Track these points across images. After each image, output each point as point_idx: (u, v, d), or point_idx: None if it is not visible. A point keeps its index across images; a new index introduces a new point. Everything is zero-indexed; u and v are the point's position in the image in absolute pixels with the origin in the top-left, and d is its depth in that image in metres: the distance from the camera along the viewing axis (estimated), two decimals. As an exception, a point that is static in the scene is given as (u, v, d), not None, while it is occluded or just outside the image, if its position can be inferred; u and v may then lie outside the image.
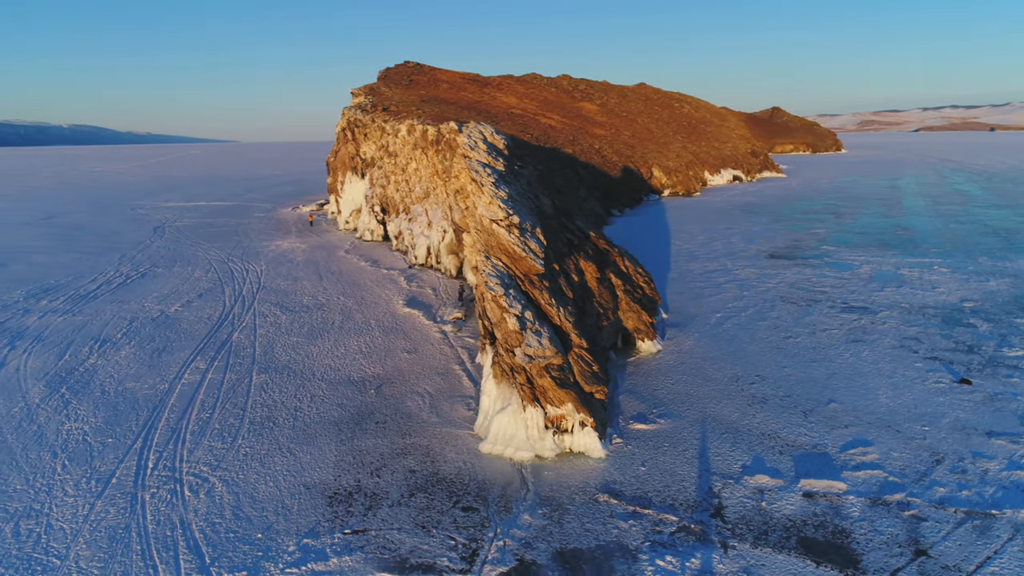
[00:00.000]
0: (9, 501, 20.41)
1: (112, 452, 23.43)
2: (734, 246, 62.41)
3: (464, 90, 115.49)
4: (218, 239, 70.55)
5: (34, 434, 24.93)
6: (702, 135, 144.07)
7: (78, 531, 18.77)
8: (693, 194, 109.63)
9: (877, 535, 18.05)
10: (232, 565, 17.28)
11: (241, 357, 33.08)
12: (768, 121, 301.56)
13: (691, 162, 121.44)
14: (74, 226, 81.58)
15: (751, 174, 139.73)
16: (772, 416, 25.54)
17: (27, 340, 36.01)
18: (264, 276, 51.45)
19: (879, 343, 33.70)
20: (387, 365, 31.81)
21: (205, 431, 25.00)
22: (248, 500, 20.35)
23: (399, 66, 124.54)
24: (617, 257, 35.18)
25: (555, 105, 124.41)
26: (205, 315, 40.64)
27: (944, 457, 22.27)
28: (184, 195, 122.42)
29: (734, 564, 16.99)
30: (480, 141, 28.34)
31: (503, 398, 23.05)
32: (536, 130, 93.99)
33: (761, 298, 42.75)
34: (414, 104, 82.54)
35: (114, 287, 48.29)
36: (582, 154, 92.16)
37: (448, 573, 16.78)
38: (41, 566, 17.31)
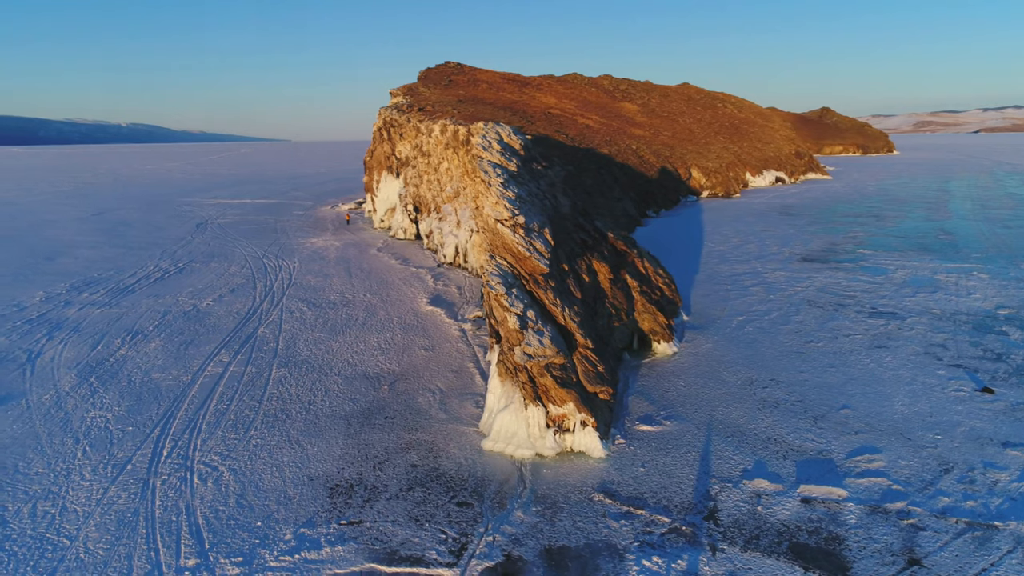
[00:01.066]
0: (30, 483, 21.42)
1: (131, 440, 24.36)
2: (767, 249, 61.56)
3: (503, 90, 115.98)
4: (256, 236, 72.25)
5: (61, 421, 26.05)
6: (745, 136, 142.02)
7: (90, 514, 19.62)
8: (733, 196, 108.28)
9: (871, 543, 17.81)
10: (229, 551, 17.88)
11: (264, 351, 33.96)
12: (817, 122, 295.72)
13: (732, 163, 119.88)
14: (122, 222, 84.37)
15: (795, 176, 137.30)
16: (781, 421, 25.28)
17: (65, 331, 37.52)
18: (296, 273, 52.60)
19: (903, 349, 33.00)
20: (403, 362, 32.33)
21: (220, 422, 25.81)
22: (253, 489, 20.99)
23: (439, 66, 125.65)
24: (636, 258, 35.12)
25: (594, 105, 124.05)
26: (234, 310, 41.78)
27: (953, 466, 21.79)
28: (230, 192, 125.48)
29: (720, 567, 16.95)
30: (494, 142, 28.61)
31: (506, 396, 23.30)
32: (573, 130, 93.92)
33: (787, 302, 42.16)
34: (450, 104, 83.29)
35: (152, 281, 49.92)
36: (618, 155, 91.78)
37: (435, 566, 17.11)
38: (52, 546, 18.16)
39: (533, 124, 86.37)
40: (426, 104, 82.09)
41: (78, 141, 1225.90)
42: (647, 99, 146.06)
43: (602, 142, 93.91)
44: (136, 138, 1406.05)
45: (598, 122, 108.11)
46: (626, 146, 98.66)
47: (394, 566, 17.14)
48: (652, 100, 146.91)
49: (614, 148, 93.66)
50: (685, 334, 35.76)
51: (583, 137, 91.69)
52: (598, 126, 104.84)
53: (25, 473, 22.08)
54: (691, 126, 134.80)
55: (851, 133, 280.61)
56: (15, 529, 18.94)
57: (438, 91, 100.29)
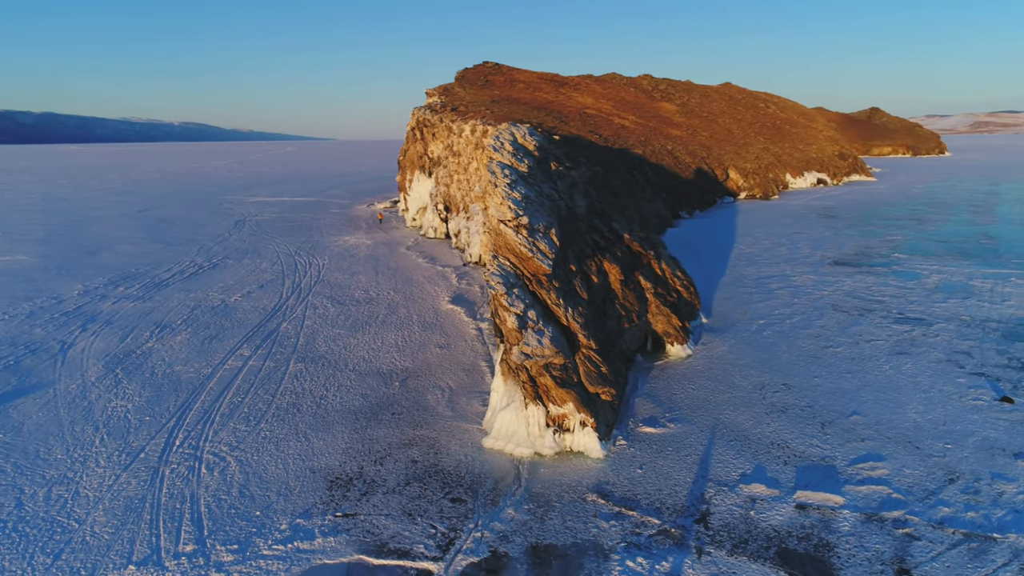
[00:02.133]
0: (48, 468, 22.38)
1: (147, 429, 25.25)
2: (798, 251, 60.61)
3: (540, 90, 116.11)
4: (291, 233, 73.68)
5: (84, 409, 27.11)
6: (786, 136, 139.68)
7: (100, 499, 20.45)
8: (771, 197, 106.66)
9: (861, 551, 17.59)
10: (226, 538, 18.48)
11: (284, 346, 34.76)
12: (865, 122, 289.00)
13: (771, 164, 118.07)
14: (164, 218, 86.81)
15: (837, 177, 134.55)
16: (787, 426, 25.02)
17: (98, 323, 38.91)
18: (324, 270, 53.57)
19: (924, 356, 32.31)
20: (417, 359, 32.79)
21: (234, 414, 26.57)
22: (256, 480, 21.61)
23: (477, 67, 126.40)
24: (653, 260, 35.01)
25: (632, 105, 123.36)
26: (261, 305, 42.79)
27: (959, 476, 21.35)
28: (270, 191, 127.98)
29: (705, 570, 16.95)
30: (507, 143, 28.85)
31: (508, 395, 23.53)
32: (607, 131, 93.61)
33: (811, 306, 41.53)
34: (483, 104, 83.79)
35: (186, 276, 51.36)
36: (653, 155, 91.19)
37: (421, 559, 17.45)
38: (61, 528, 19.00)
39: (567, 124, 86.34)
40: (459, 104, 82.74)
41: (133, 139, 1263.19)
42: (687, 99, 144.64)
43: (636, 142, 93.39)
44: (188, 136, 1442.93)
45: (634, 122, 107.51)
46: (661, 146, 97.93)
47: (382, 558, 17.53)
48: (692, 100, 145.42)
49: (648, 149, 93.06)
50: (702, 336, 35.53)
51: (617, 137, 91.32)
52: (634, 126, 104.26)
53: (45, 459, 23.07)
54: (731, 126, 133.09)
55: (901, 134, 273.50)
56: (29, 511, 19.85)
57: (474, 91, 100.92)
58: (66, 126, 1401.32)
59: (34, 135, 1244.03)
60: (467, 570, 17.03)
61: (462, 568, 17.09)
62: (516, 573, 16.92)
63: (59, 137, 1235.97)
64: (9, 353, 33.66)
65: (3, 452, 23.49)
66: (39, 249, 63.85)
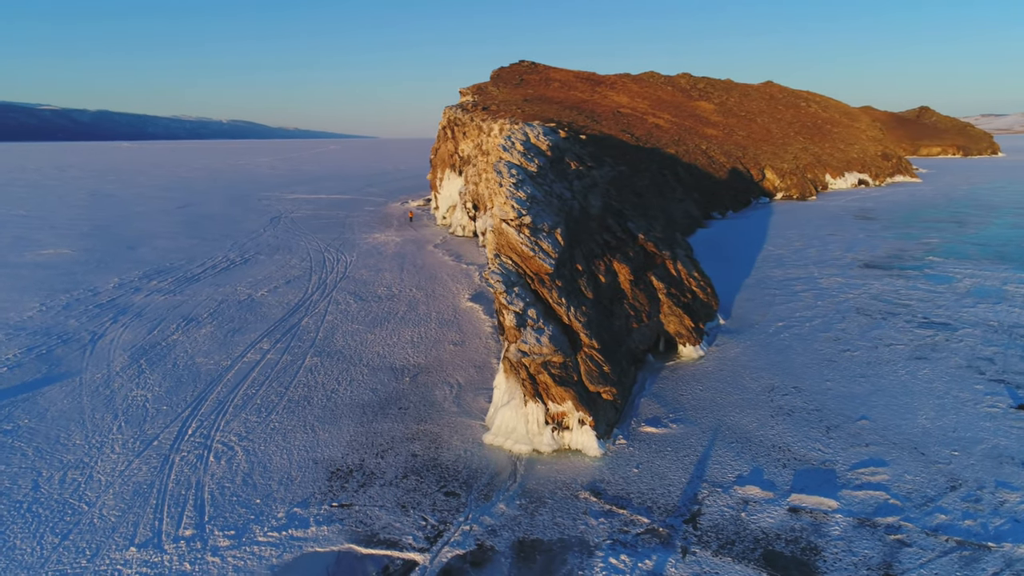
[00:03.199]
0: (66, 453, 23.38)
1: (162, 418, 26.16)
2: (829, 253, 59.65)
3: (575, 89, 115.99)
4: (323, 230, 74.96)
5: (106, 398, 28.18)
6: (827, 136, 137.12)
7: (111, 484, 21.32)
8: (808, 198, 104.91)
9: (849, 556, 17.47)
10: (225, 524, 19.15)
11: (303, 340, 35.57)
12: (914, 122, 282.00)
13: (810, 164, 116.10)
14: (203, 215, 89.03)
15: (880, 178, 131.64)
16: (791, 429, 24.84)
17: (128, 315, 40.27)
18: (351, 266, 54.49)
19: (944, 361, 31.68)
20: (430, 355, 33.27)
21: (246, 405, 27.35)
22: (260, 469, 22.28)
23: (513, 65, 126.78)
24: (668, 260, 34.94)
25: (668, 104, 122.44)
26: (286, 300, 43.77)
27: (961, 484, 20.99)
28: (309, 188, 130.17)
29: (687, 569, 17.03)
30: (519, 142, 29.12)
31: (510, 392, 23.81)
32: (640, 130, 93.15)
33: (834, 308, 40.94)
34: (515, 103, 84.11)
35: (217, 271, 52.73)
36: (686, 155, 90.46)
37: (409, 550, 17.86)
38: (72, 510, 19.88)
39: (598, 123, 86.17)
40: (491, 103, 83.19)
41: (183, 137, 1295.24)
42: (725, 98, 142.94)
43: (670, 142, 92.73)
44: (235, 134, 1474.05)
45: (669, 121, 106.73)
46: (695, 146, 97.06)
47: (371, 548, 17.99)
48: (731, 99, 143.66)
49: (682, 148, 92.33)
50: (717, 337, 35.33)
51: (650, 137, 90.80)
52: (668, 125, 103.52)
53: (64, 444, 24.09)
54: (769, 126, 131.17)
55: (951, 134, 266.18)
56: (44, 493, 20.80)
57: (507, 90, 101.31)
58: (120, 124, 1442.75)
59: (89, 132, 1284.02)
60: (452, 562, 17.38)
61: (447, 560, 17.45)
62: (500, 566, 17.23)
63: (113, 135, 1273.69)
64: (42, 343, 35.08)
65: (27, 436, 24.60)
66: (81, 243, 66.12)
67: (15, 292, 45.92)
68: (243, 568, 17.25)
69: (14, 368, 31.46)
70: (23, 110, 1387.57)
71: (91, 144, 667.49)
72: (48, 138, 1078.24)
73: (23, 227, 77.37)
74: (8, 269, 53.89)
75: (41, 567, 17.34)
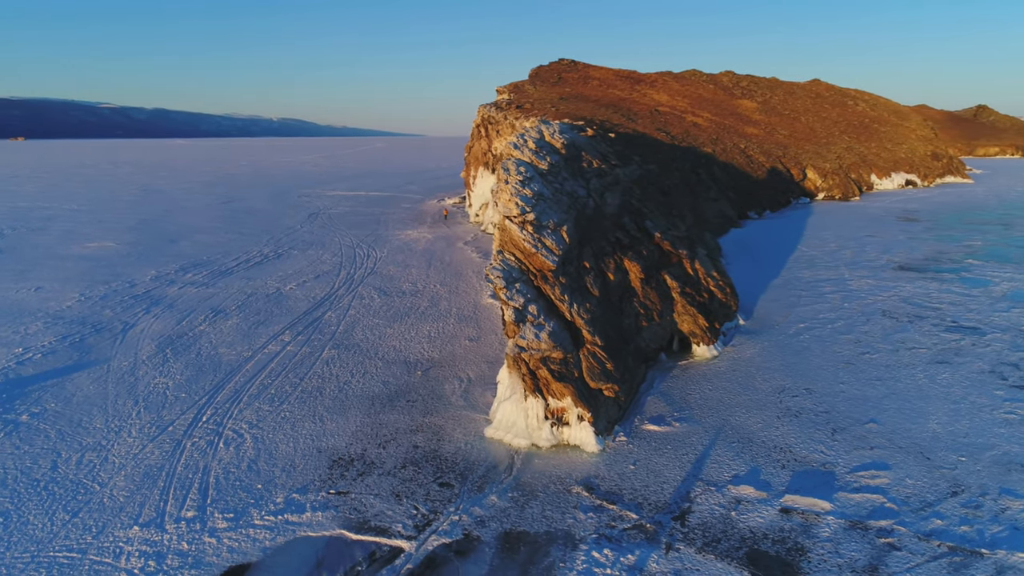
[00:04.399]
0: (86, 436, 24.45)
1: (180, 405, 27.14)
2: (864, 255, 58.45)
3: (613, 87, 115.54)
4: (358, 227, 76.19)
5: (130, 385, 29.33)
6: (873, 135, 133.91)
7: (123, 466, 22.26)
8: (851, 198, 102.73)
9: (835, 557, 17.34)
10: (225, 507, 19.87)
11: (323, 333, 36.40)
12: (971, 121, 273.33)
13: (854, 164, 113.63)
14: (244, 210, 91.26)
15: (929, 179, 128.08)
16: (796, 431, 24.62)
17: (161, 306, 41.69)
18: (380, 262, 55.38)
19: (967, 366, 30.94)
20: (445, 350, 33.75)
21: (261, 394, 28.19)
22: (266, 456, 23.00)
23: (553, 64, 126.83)
24: (686, 260, 34.81)
25: (708, 103, 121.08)
26: (312, 294, 44.76)
27: (964, 490, 20.58)
28: (349, 185, 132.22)
29: (668, 565, 17.12)
30: (531, 140, 29.37)
31: (512, 387, 24.12)
32: (677, 128, 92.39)
33: (860, 311, 40.21)
34: (550, 102, 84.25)
35: (250, 265, 54.13)
36: (723, 154, 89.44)
37: (397, 537, 18.31)
38: (84, 489, 20.84)
39: (633, 122, 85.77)
40: (526, 101, 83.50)
41: (234, 134, 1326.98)
42: (769, 96, 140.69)
43: (707, 140, 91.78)
44: (285, 132, 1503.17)
45: (708, 120, 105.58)
46: (733, 145, 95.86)
47: (361, 534, 18.50)
48: (774, 97, 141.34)
49: (719, 147, 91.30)
50: (735, 338, 35.07)
51: (687, 135, 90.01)
52: (707, 124, 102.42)
53: (85, 427, 25.20)
54: (813, 124, 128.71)
55: (1011, 133, 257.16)
56: (60, 473, 21.84)
57: (544, 88, 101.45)
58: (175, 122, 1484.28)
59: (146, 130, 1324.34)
60: (437, 550, 17.77)
61: (432, 548, 17.84)
62: (483, 556, 17.56)
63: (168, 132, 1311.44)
64: (77, 331, 36.58)
65: (51, 419, 25.79)
66: (126, 237, 68.46)
67: (58, 283, 47.87)
68: (237, 549, 17.91)
69: (48, 355, 32.91)
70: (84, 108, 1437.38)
71: (146, 141, 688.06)
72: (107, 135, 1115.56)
73: (74, 221, 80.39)
74: (55, 261, 56.14)
75: (50, 542, 18.26)
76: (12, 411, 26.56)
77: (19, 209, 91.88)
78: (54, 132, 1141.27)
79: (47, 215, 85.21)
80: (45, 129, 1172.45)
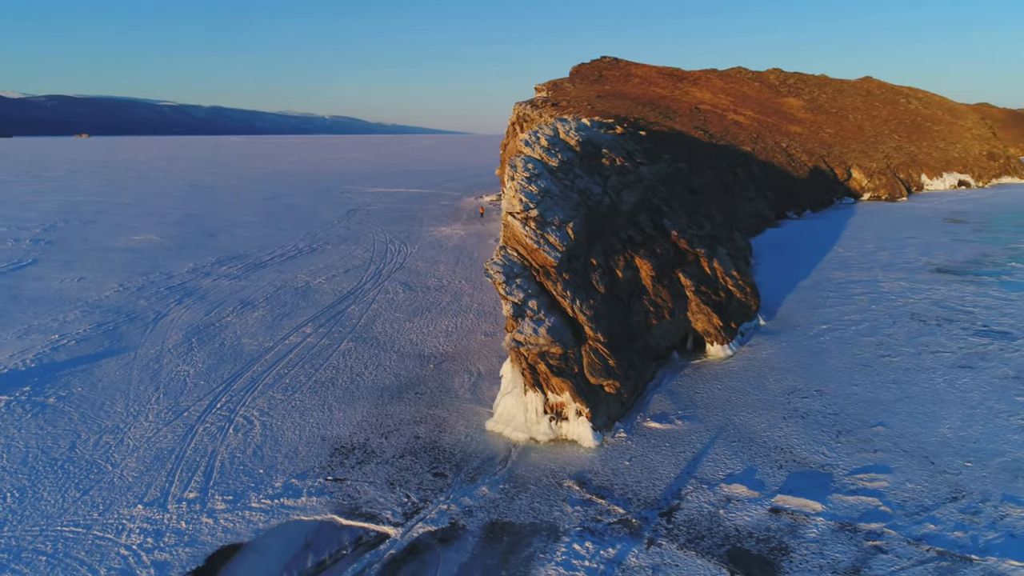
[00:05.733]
0: (106, 419, 25.57)
1: (197, 392, 28.14)
2: (902, 256, 56.95)
3: (655, 85, 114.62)
4: (394, 223, 77.26)
5: (153, 372, 30.50)
6: (925, 135, 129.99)
7: (136, 448, 23.25)
8: (898, 199, 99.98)
9: (817, 558, 17.19)
10: (226, 490, 20.63)
11: (344, 326, 37.20)
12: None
13: (903, 164, 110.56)
14: (287, 205, 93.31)
15: (983, 179, 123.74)
16: (799, 432, 24.35)
17: (193, 297, 43.10)
18: (409, 258, 56.17)
19: (990, 371, 30.08)
20: (460, 344, 34.20)
21: (276, 384, 29.04)
22: (271, 442, 23.74)
23: (595, 61, 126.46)
24: (703, 259, 34.61)
25: (752, 101, 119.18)
26: (339, 288, 45.71)
27: (964, 496, 20.13)
28: (392, 182, 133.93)
29: (648, 560, 17.21)
30: (544, 137, 29.58)
31: (513, 381, 24.41)
32: (716, 127, 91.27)
33: (887, 313, 39.31)
34: (587, 100, 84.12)
35: (284, 259, 55.46)
36: (762, 152, 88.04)
37: (385, 524, 18.80)
38: (97, 469, 21.86)
39: (671, 120, 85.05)
40: (562, 99, 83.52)
41: (288, 131, 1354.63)
42: (816, 94, 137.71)
43: (747, 139, 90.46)
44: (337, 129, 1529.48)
45: (750, 118, 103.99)
46: (775, 144, 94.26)
47: (351, 520, 19.04)
48: (822, 95, 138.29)
49: (759, 146, 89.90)
50: (752, 338, 34.69)
51: (726, 134, 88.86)
52: (748, 122, 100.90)
53: (107, 411, 26.34)
54: (862, 123, 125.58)
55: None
56: (78, 453, 22.92)
57: (583, 86, 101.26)
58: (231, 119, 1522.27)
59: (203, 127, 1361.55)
60: (421, 537, 18.19)
61: (417, 535, 18.27)
62: (466, 544, 17.91)
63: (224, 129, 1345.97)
64: (112, 320, 38.09)
65: (76, 402, 27.03)
66: (170, 231, 70.72)
67: (101, 274, 49.81)
68: (231, 530, 18.62)
69: (81, 342, 34.38)
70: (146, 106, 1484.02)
71: (203, 138, 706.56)
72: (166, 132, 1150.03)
73: (123, 215, 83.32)
74: (101, 253, 58.37)
75: (59, 516, 19.25)
76: (41, 394, 27.89)
77: (74, 203, 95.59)
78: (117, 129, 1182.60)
79: (98, 209, 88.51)
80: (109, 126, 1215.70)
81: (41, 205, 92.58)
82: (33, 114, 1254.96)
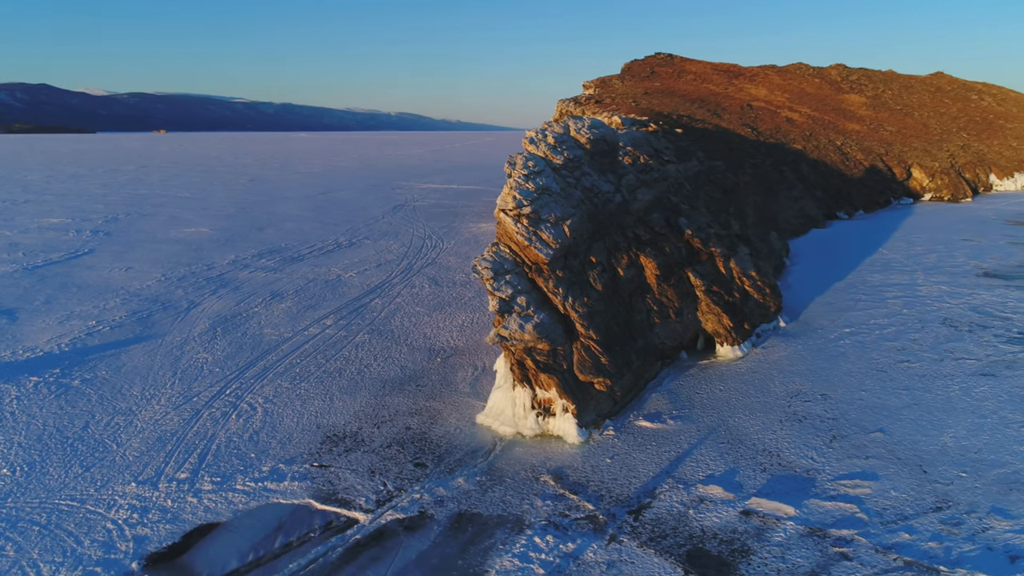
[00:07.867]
0: (121, 401, 26.99)
1: (211, 379, 29.37)
2: (949, 260, 54.79)
3: (709, 82, 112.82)
4: (437, 218, 78.29)
5: (175, 358, 31.94)
6: (997, 132, 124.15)
7: (143, 430, 24.49)
8: (961, 200, 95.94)
9: (777, 562, 16.99)
10: (216, 471, 21.59)
11: (364, 319, 38.12)
12: None
13: (969, 163, 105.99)
14: (337, 200, 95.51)
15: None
16: (793, 435, 23.94)
17: (227, 288, 44.78)
18: (443, 253, 56.96)
19: (1012, 380, 28.87)
20: (471, 339, 34.68)
21: (286, 373, 30.06)
22: (269, 428, 24.67)
23: (648, 58, 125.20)
24: (719, 258, 34.19)
25: (810, 98, 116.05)
26: (368, 281, 46.76)
27: (949, 506, 19.52)
28: (445, 178, 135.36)
29: (605, 556, 17.31)
30: (550, 135, 29.72)
31: (504, 375, 24.75)
32: (767, 124, 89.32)
33: (918, 318, 38.04)
34: (633, 97, 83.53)
35: (321, 253, 56.97)
36: (814, 151, 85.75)
37: (356, 510, 19.38)
38: (103, 448, 23.14)
39: (719, 117, 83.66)
40: (607, 96, 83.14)
41: (354, 128, 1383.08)
42: (880, 91, 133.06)
43: (799, 137, 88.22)
44: (401, 126, 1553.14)
45: (805, 115, 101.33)
46: (828, 142, 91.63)
47: (326, 505, 19.70)
48: (887, 92, 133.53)
49: (811, 144, 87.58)
50: (769, 339, 34.10)
51: (776, 131, 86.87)
52: (802, 120, 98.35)
53: (124, 394, 27.78)
54: (927, 120, 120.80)
55: None
56: (89, 432, 24.30)
57: (632, 83, 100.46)
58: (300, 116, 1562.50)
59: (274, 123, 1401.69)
60: (388, 524, 18.70)
61: (385, 522, 18.79)
62: (430, 533, 18.34)
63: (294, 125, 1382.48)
64: (148, 308, 39.95)
65: (97, 385, 28.58)
66: (221, 223, 73.36)
67: (147, 264, 52.16)
68: (212, 509, 19.51)
69: (115, 328, 36.21)
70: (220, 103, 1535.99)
71: (272, 134, 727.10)
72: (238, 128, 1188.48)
73: (181, 207, 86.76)
74: (153, 244, 61.05)
75: (59, 490, 20.51)
76: (68, 376, 29.58)
77: (139, 196, 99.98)
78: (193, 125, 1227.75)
79: (159, 202, 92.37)
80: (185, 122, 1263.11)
81: (108, 198, 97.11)
82: (116, 110, 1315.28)
